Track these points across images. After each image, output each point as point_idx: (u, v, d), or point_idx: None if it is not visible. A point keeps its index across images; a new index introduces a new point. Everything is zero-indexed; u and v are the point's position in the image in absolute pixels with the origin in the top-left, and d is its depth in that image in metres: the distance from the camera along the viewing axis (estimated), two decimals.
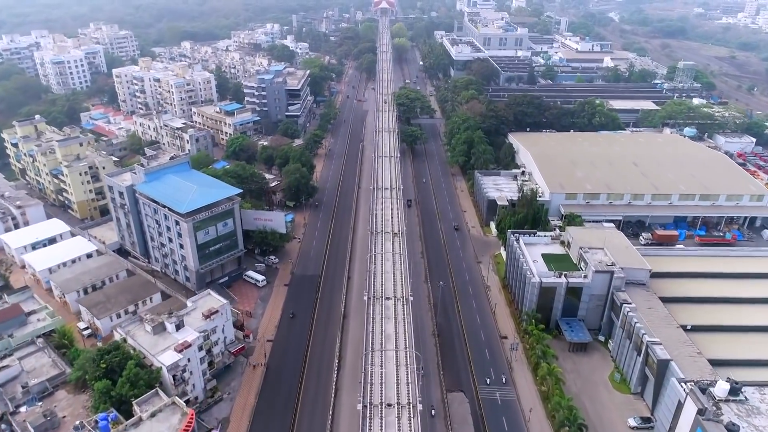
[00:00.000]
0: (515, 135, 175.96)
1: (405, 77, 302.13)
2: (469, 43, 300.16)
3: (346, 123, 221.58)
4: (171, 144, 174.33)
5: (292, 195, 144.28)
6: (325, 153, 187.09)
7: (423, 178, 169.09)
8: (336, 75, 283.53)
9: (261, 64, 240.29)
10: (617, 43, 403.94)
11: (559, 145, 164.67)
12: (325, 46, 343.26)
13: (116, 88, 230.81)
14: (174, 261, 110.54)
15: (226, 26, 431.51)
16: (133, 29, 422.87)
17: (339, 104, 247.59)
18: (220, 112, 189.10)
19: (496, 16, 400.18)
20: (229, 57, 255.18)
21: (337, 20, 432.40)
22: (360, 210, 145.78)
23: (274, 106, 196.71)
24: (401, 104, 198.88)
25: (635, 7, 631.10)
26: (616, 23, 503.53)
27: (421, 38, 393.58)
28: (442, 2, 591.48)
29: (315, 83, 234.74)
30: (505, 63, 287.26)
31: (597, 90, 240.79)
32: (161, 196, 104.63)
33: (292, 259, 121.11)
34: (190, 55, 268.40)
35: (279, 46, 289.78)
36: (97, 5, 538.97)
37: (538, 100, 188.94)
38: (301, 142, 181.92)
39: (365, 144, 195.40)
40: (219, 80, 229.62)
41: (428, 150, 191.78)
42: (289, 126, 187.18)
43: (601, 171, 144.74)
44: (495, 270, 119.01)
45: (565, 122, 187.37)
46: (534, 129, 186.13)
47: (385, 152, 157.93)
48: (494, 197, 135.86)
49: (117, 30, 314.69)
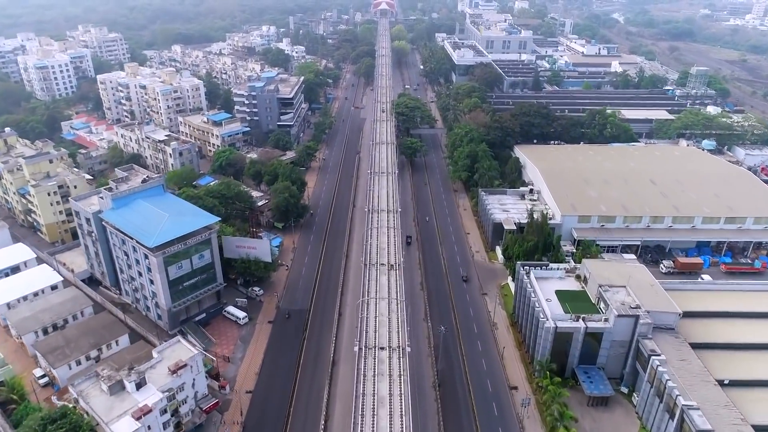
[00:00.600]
0: (522, 148, 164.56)
1: (405, 82, 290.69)
2: (471, 47, 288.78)
3: (342, 132, 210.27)
4: (154, 157, 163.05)
5: (280, 215, 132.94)
6: (319, 166, 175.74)
7: (423, 195, 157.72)
8: (333, 80, 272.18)
9: (253, 69, 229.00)
10: (624, 45, 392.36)
11: (569, 159, 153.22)
12: (323, 49, 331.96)
13: (101, 95, 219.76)
14: (145, 296, 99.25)
15: (222, 28, 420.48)
16: (126, 31, 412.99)
17: (335, 111, 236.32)
18: (207, 122, 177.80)
19: (498, 18, 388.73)
20: (220, 62, 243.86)
21: (336, 22, 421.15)
22: (354, 233, 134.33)
23: (265, 115, 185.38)
24: (400, 113, 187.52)
25: (639, 8, 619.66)
26: (621, 25, 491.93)
27: (421, 41, 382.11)
28: (443, 3, 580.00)
29: (310, 90, 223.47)
30: (508, 67, 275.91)
31: (606, 97, 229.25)
32: (129, 226, 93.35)
33: (277, 292, 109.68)
34: (180, 59, 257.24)
35: (274, 50, 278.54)
36: (91, 6, 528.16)
37: (546, 109, 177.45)
38: (294, 154, 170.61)
39: (362, 156, 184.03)
40: (209, 87, 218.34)
41: (429, 163, 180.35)
42: (281, 137, 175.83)
43: (617, 190, 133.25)
44: (502, 304, 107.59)
45: (574, 133, 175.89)
46: (541, 140, 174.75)
47: (383, 168, 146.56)
48: (500, 220, 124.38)
49: (106, 32, 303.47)
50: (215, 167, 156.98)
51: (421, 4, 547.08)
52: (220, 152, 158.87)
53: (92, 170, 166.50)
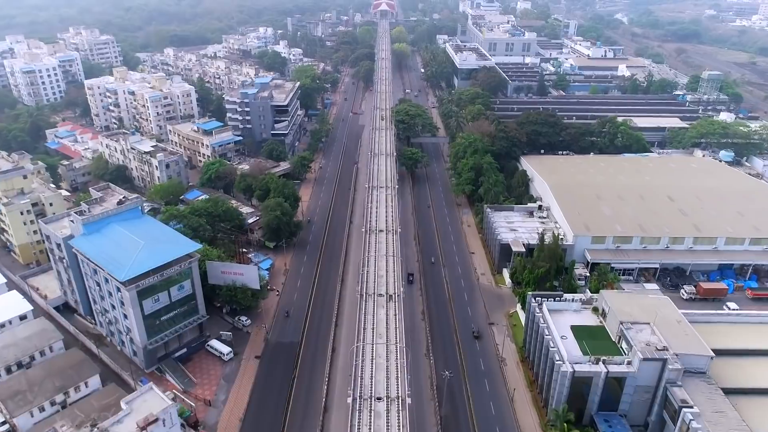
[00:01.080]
0: (529, 159, 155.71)
1: (405, 86, 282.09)
2: (474, 50, 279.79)
3: (339, 139, 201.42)
4: (139, 169, 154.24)
5: (271, 234, 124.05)
6: (314, 177, 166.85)
7: (424, 210, 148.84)
8: (331, 84, 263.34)
9: (248, 74, 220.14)
10: (629, 47, 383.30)
11: (579, 172, 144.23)
12: (321, 51, 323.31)
13: (89, 101, 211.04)
14: (119, 330, 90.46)
15: (219, 29, 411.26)
16: (120, 33, 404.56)
17: (333, 117, 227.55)
18: (197, 131, 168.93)
19: (501, 19, 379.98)
20: (213, 66, 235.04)
21: (335, 23, 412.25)
22: (351, 253, 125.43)
23: (259, 124, 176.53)
24: (400, 121, 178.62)
25: (643, 9, 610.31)
26: (625, 26, 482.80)
27: (422, 43, 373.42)
28: (444, 4, 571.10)
29: (306, 95, 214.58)
30: (512, 71, 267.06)
31: (614, 103, 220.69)
32: (100, 255, 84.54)
33: (265, 324, 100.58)
34: (172, 63, 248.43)
35: (270, 53, 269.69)
36: (86, 7, 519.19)
37: (554, 117, 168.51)
38: (288, 165, 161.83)
39: (360, 166, 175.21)
40: (201, 92, 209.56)
41: (430, 174, 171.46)
42: (275, 147, 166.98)
43: (632, 207, 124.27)
44: (511, 335, 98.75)
45: (584, 143, 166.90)
46: (549, 150, 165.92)
47: (382, 181, 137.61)
48: (508, 241, 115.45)
49: (98, 35, 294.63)
50: (204, 180, 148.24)
51: (422, 5, 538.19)
52: (209, 164, 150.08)
53: (75, 183, 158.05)
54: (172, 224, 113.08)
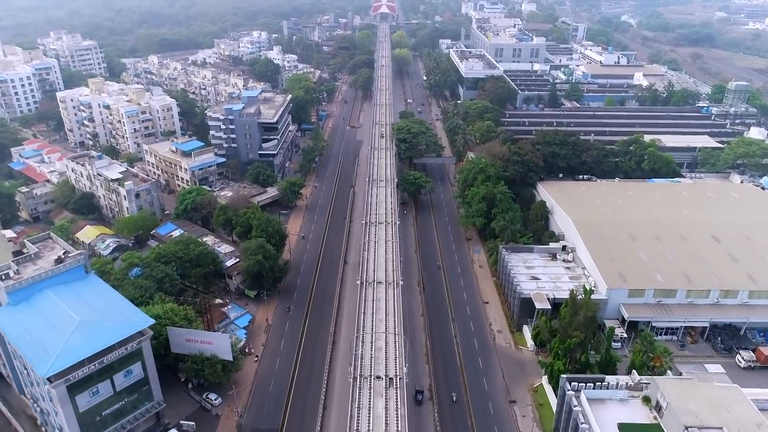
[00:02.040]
0: (547, 185, 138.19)
1: (406, 95, 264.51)
2: (479, 57, 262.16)
3: (335, 158, 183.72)
4: (107, 198, 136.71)
5: (252, 282, 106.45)
6: (306, 204, 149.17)
7: (429, 244, 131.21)
8: (327, 94, 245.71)
9: (235, 85, 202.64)
10: (641, 52, 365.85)
11: (606, 203, 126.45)
12: (317, 57, 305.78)
13: (62, 114, 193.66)
14: (53, 426, 72.78)
15: (212, 33, 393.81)
16: (108, 36, 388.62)
17: (328, 131, 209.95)
18: (175, 152, 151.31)
19: (507, 22, 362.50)
20: (200, 75, 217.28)
21: (332, 27, 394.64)
22: (344, 303, 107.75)
23: (245, 143, 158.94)
24: (402, 140, 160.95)
25: (651, 11, 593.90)
26: (635, 29, 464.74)
27: (424, 47, 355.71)
28: (446, 6, 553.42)
29: (300, 108, 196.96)
30: (520, 80, 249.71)
31: (633, 116, 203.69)
32: (22, 338, 66.87)
33: (237, 408, 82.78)
34: (156, 71, 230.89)
35: (262, 60, 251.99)
36: (76, 9, 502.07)
37: (573, 137, 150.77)
38: (276, 192, 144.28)
39: (356, 190, 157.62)
40: (185, 106, 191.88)
41: (436, 200, 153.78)
42: (261, 170, 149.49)
43: (673, 251, 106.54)
44: (537, 419, 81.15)
45: (607, 166, 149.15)
46: (568, 174, 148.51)
47: (381, 216, 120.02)
48: (529, 294, 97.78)
49: (80, 40, 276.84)
50: (179, 211, 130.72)
51: (423, 7, 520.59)
52: (185, 193, 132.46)
53: (35, 212, 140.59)
54: (133, 273, 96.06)
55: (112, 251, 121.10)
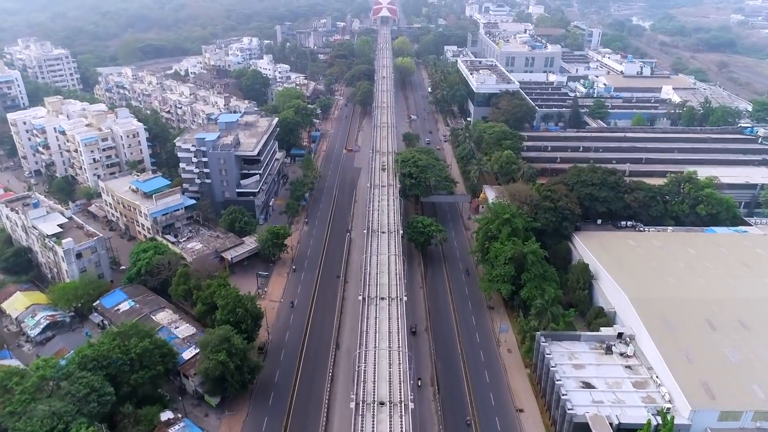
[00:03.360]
0: (586, 237, 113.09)
1: (409, 110, 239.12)
2: (491, 68, 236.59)
3: (329, 191, 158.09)
4: (43, 254, 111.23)
5: (214, 387, 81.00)
6: (291, 258, 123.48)
7: (442, 315, 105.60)
8: (322, 110, 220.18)
9: (216, 104, 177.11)
10: (661, 60, 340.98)
11: (664, 267, 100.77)
12: (312, 66, 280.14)
13: (14, 139, 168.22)
14: None
15: (201, 38, 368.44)
16: (90, 42, 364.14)
17: (322, 156, 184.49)
18: (136, 191, 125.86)
19: (517, 27, 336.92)
20: (176, 92, 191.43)
21: (329, 31, 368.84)
22: (334, 416, 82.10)
23: (220, 180, 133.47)
24: (407, 175, 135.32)
25: (662, 13, 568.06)
26: (650, 33, 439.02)
27: (428, 54, 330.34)
28: (449, 8, 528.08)
29: (289, 131, 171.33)
30: (536, 93, 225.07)
31: (669, 138, 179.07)
32: None
33: None
34: (129, 86, 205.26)
35: (249, 72, 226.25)
36: (61, 12, 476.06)
37: (614, 175, 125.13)
38: (254, 243, 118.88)
39: (353, 236, 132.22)
40: (156, 129, 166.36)
41: (448, 249, 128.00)
42: (237, 215, 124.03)
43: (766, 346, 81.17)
44: None
45: (655, 210, 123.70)
46: (607, 218, 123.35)
47: (383, 286, 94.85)
48: (584, 417, 72.11)
49: (50, 48, 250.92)
50: (132, 275, 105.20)
51: (426, 9, 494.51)
52: (139, 251, 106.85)
53: None
54: (46, 392, 70.85)
55: (42, 330, 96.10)
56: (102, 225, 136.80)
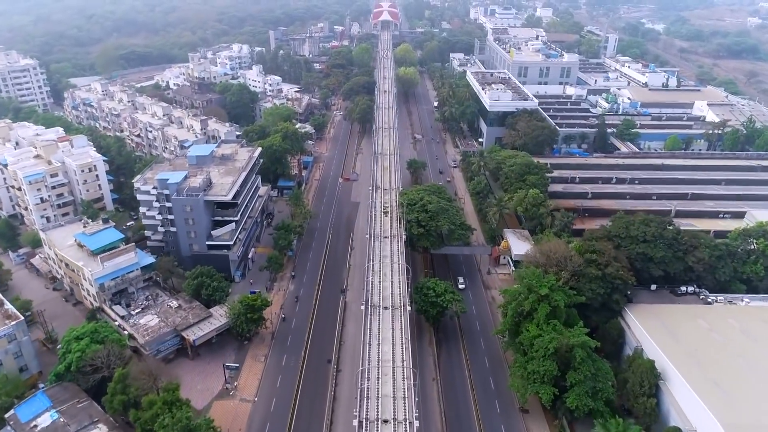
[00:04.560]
0: (642, 314, 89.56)
1: (413, 127, 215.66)
2: (504, 82, 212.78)
3: (321, 234, 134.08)
4: None
5: None
6: (272, 332, 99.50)
7: (462, 424, 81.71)
8: (316, 129, 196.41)
9: (191, 128, 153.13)
10: (684, 68, 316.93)
11: (757, 368, 76.97)
12: (307, 77, 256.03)
13: None
14: None
15: (190, 44, 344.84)
16: (72, 48, 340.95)
17: (315, 186, 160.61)
18: (81, 247, 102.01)
19: (528, 33, 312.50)
20: (149, 112, 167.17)
21: (326, 37, 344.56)
22: None
23: (186, 231, 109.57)
24: (416, 222, 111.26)
25: (674, 15, 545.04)
26: (667, 39, 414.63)
27: (432, 62, 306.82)
28: (453, 11, 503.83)
29: (276, 160, 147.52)
30: (554, 108, 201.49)
31: (712, 167, 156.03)
32: None
33: None
34: (96, 104, 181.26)
35: (234, 87, 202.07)
36: (44, 15, 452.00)
37: (671, 228, 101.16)
38: (224, 317, 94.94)
39: (348, 298, 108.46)
40: (120, 160, 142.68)
41: (467, 323, 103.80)
42: (205, 279, 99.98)
43: None
44: None
45: (722, 272, 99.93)
46: (663, 283, 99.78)
47: (386, 394, 71.04)
48: None
49: (15, 58, 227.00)
50: (61, 371, 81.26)
51: (428, 12, 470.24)
52: (70, 338, 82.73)
53: None
54: None
55: None
56: (46, 282, 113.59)
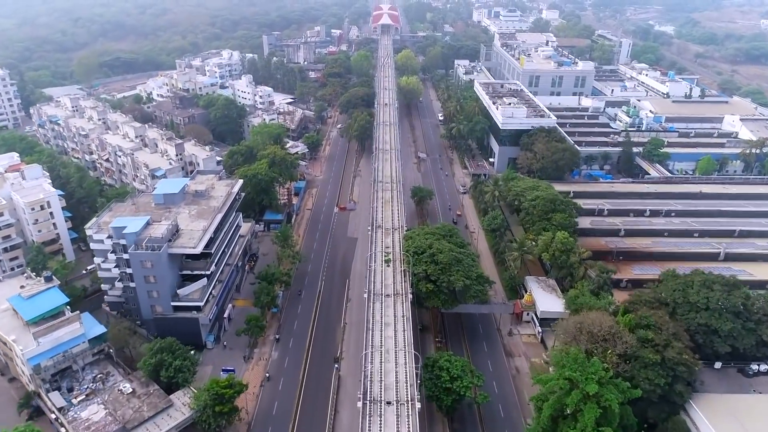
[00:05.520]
0: (712, 408, 71.46)
1: (417, 144, 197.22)
2: (516, 94, 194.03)
3: (313, 281, 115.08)
4: None
5: None
6: (249, 421, 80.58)
7: None
8: (310, 148, 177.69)
9: (165, 153, 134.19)
10: (703, 75, 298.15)
11: None
12: (302, 86, 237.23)
13: None
14: None
15: (179, 49, 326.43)
16: (53, 53, 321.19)
17: (307, 218, 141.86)
18: (14, 314, 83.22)
19: (538, 38, 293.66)
20: (120, 132, 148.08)
21: (323, 42, 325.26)
22: None
23: (147, 290, 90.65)
24: (425, 276, 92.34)
25: (684, 17, 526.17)
26: (680, 43, 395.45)
27: (436, 68, 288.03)
28: (456, 13, 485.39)
29: (262, 190, 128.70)
30: (570, 123, 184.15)
31: (752, 195, 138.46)
32: None
33: None
34: (63, 122, 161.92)
35: (220, 101, 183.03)
36: (29, 17, 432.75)
37: (739, 294, 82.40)
38: (189, 412, 76.05)
39: (343, 372, 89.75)
40: (81, 193, 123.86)
41: (489, 412, 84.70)
42: (165, 357, 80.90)
43: None
44: None
45: None
46: (729, 359, 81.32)
47: None
48: None
49: None
50: None
51: (430, 15, 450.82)
52: None
53: None
54: None
55: None
56: None
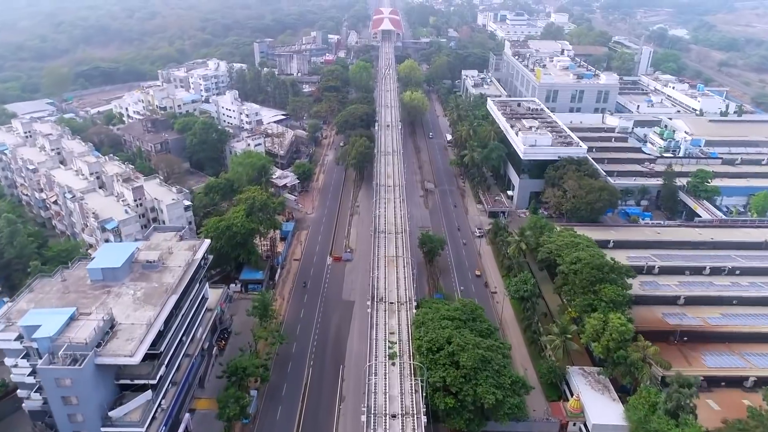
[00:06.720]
0: None
1: (423, 171, 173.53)
2: (536, 115, 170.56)
3: (297, 370, 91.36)
4: None
5: None
6: None
7: None
8: (301, 179, 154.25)
9: (122, 196, 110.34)
10: (732, 87, 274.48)
11: None
12: (294, 101, 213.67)
13: None
14: None
15: (165, 56, 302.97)
16: (28, 62, 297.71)
17: (295, 271, 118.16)
18: None
19: (552, 46, 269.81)
20: (74, 167, 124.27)
21: (319, 50, 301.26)
22: None
23: (67, 413, 66.88)
24: (442, 384, 68.74)
25: (697, 20, 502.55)
26: (700, 49, 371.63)
27: (441, 79, 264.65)
28: (460, 16, 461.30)
29: (237, 244, 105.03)
30: (596, 148, 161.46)
31: None
32: None
33: None
34: (11, 153, 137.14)
35: (197, 125, 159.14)
36: (10, 22, 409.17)
37: None
38: None
39: None
40: (12, 252, 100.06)
41: None
42: None
43: None
44: None
45: None
46: None
47: None
48: None
49: None
50: None
51: (433, 19, 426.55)
52: None
53: None
54: None
55: None
56: None
